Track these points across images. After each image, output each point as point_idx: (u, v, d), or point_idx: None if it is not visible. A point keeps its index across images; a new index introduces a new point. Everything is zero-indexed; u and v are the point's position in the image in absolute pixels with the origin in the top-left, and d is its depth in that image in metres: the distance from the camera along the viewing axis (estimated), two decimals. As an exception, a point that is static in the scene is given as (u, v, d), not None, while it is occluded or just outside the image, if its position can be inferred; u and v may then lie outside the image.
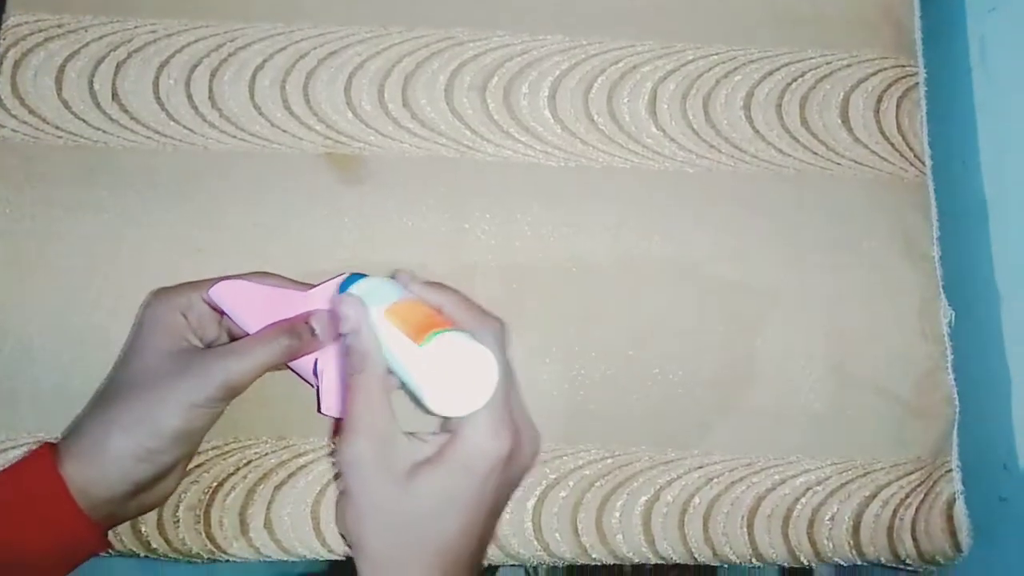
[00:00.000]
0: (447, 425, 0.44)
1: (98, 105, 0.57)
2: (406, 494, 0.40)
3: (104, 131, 0.57)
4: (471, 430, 0.40)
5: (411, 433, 0.42)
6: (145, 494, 0.46)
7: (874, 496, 0.55)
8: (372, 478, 0.40)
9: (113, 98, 0.57)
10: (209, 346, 0.48)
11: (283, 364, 0.48)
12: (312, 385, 0.49)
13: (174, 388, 0.44)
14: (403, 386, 0.44)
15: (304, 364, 0.48)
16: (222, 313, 0.49)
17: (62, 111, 0.57)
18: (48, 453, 0.44)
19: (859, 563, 0.55)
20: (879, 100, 0.60)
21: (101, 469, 0.43)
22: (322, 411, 0.48)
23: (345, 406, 0.42)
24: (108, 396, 0.46)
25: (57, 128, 0.57)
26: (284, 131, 0.57)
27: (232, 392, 0.45)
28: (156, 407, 0.44)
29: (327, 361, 0.48)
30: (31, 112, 0.57)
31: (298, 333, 0.47)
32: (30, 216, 0.55)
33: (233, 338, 0.49)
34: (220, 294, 0.48)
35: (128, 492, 0.44)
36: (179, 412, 0.44)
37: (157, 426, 0.44)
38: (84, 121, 0.57)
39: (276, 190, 0.56)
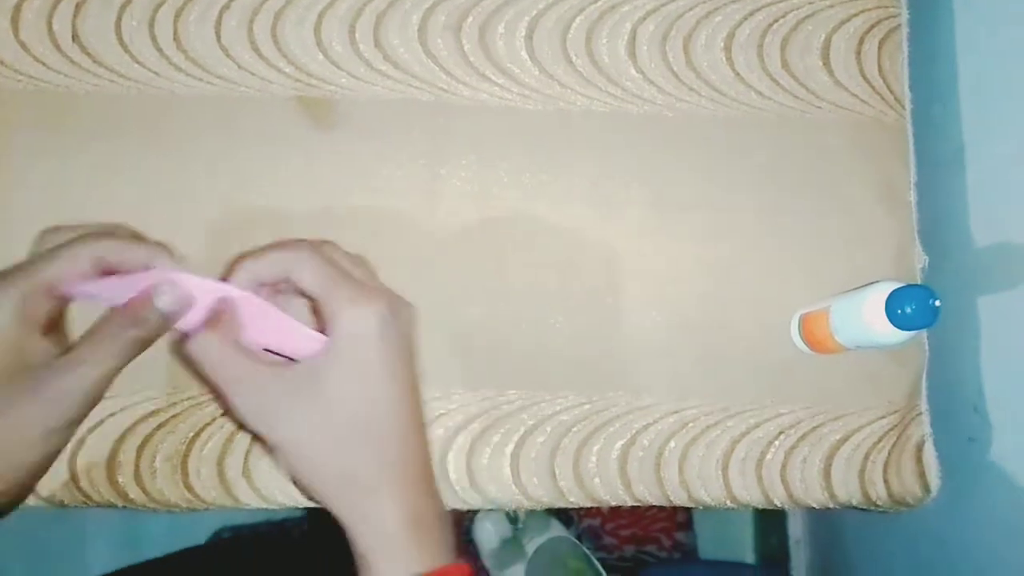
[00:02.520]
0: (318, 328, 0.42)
1: (58, 47, 0.55)
2: (321, 401, 0.39)
3: (65, 75, 0.55)
4: (341, 309, 0.39)
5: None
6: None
7: (845, 439, 0.56)
8: (283, 412, 0.39)
9: (73, 40, 0.55)
10: (55, 337, 0.42)
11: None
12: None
13: (25, 417, 0.38)
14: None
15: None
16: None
17: (20, 53, 0.55)
18: None
19: (831, 506, 0.56)
20: (861, 42, 0.59)
21: None
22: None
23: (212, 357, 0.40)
24: None
25: (16, 72, 0.54)
26: (252, 74, 0.56)
27: (94, 403, 0.40)
28: (6, 442, 0.38)
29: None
30: (-13, 54, 0.55)
31: (143, 319, 0.40)
32: (-9, 163, 0.53)
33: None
34: (86, 291, 0.41)
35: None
36: (36, 443, 0.39)
37: (12, 463, 0.39)
38: (44, 64, 0.55)
39: (246, 135, 0.55)
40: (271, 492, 0.52)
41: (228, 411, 0.41)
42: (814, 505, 0.56)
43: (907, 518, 0.60)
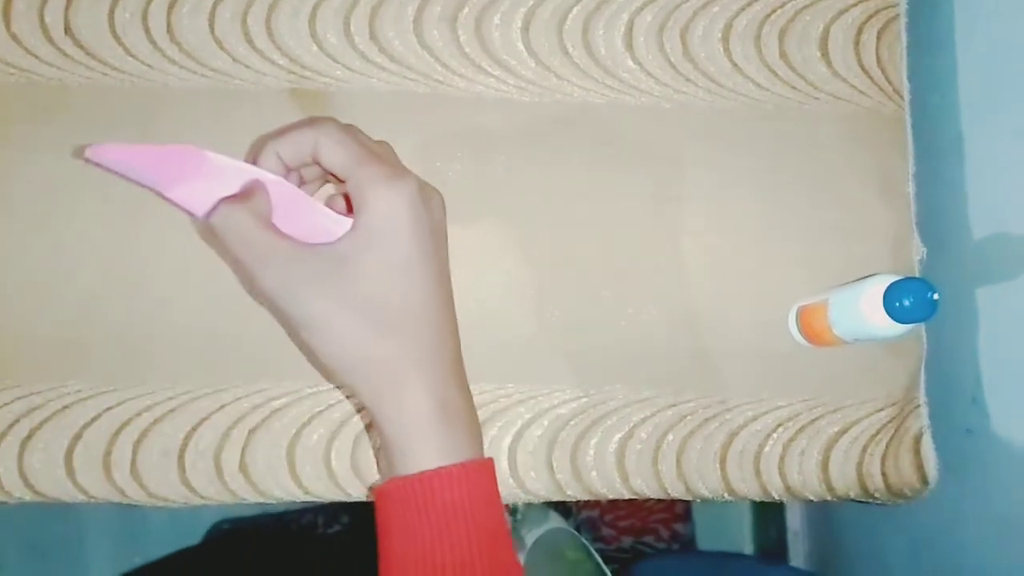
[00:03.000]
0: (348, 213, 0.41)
1: (50, 39, 0.54)
2: (354, 281, 0.38)
3: (58, 67, 0.54)
4: (371, 188, 0.38)
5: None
6: None
7: (843, 432, 0.56)
8: (314, 289, 0.38)
9: (66, 32, 0.54)
10: None
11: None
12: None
13: None
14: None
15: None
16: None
17: (12, 46, 0.54)
18: None
19: (829, 498, 0.56)
20: (859, 32, 0.59)
21: None
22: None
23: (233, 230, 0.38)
24: None
25: (8, 64, 0.54)
26: (247, 66, 0.55)
27: None
28: None
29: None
30: (-21, 47, 0.54)
31: None
32: (-16, 157, 0.53)
33: None
34: (112, 158, 0.38)
35: None
36: None
37: None
38: (36, 57, 0.54)
39: (240, 128, 0.54)
40: (268, 486, 0.52)
41: (252, 289, 0.41)
42: (812, 498, 0.56)
43: (905, 510, 0.60)
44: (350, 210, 0.41)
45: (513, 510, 1.17)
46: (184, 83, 0.55)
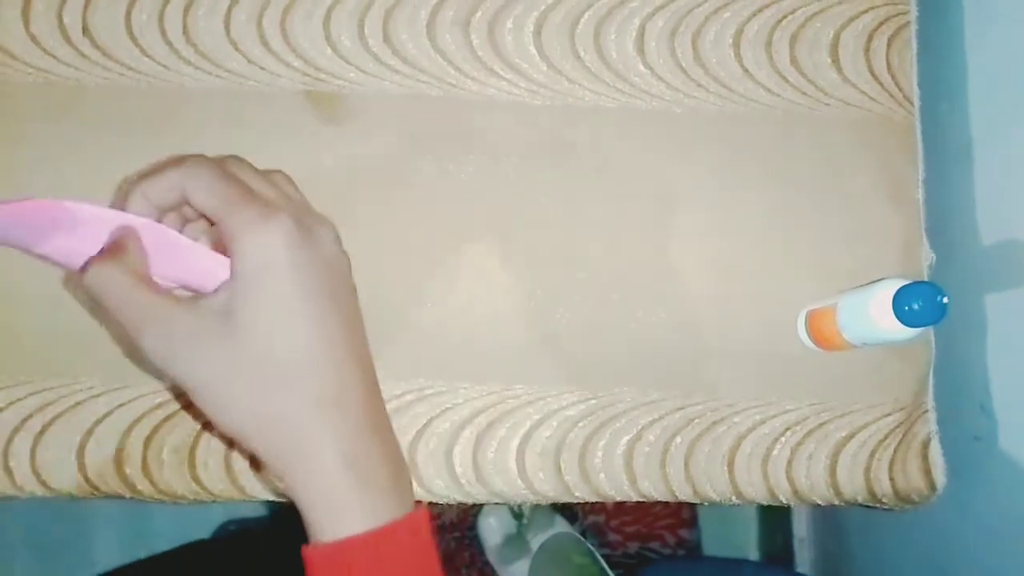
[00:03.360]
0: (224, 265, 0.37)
1: (68, 40, 0.55)
2: (234, 338, 0.34)
3: (76, 68, 0.55)
4: (240, 233, 0.34)
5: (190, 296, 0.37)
6: None
7: (851, 436, 0.56)
8: (196, 352, 0.34)
9: (84, 32, 0.55)
10: None
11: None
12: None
13: None
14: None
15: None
16: None
17: (30, 46, 0.55)
18: None
19: (836, 502, 0.56)
20: (870, 39, 0.59)
21: None
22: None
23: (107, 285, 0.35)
24: None
25: (26, 64, 0.55)
26: (262, 68, 0.56)
27: None
28: None
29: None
30: (-2, 47, 0.55)
31: None
32: (1, 155, 0.54)
33: None
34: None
35: None
36: None
37: None
38: (54, 57, 0.55)
39: (254, 129, 0.55)
40: (277, 483, 0.52)
41: (135, 355, 0.38)
42: (819, 502, 0.56)
43: (912, 517, 0.60)
44: None
45: (519, 514, 1.17)
46: (199, 84, 0.55)
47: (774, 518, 1.20)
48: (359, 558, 0.35)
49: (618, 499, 0.54)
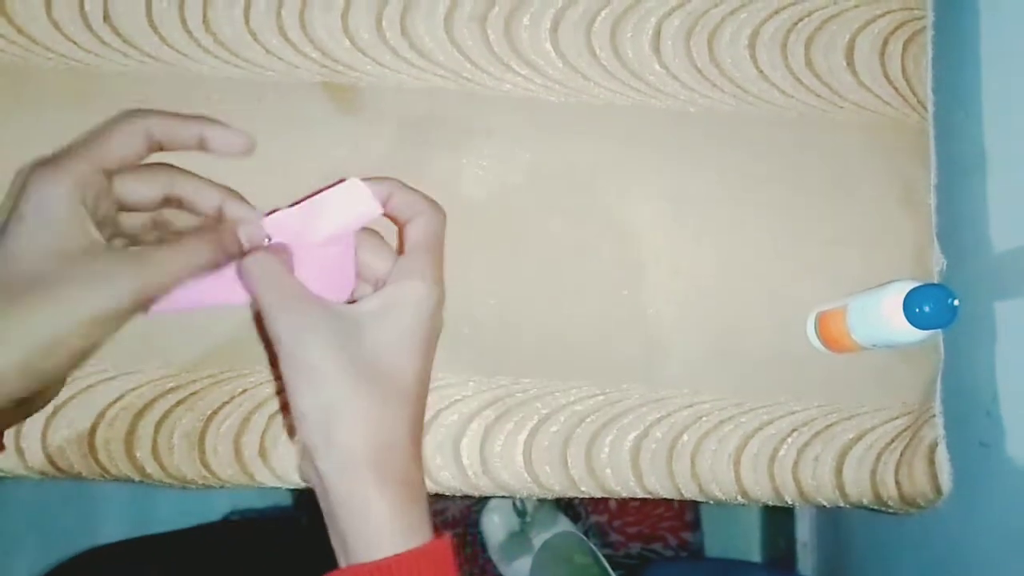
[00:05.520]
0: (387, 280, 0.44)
1: (89, 27, 0.56)
2: (364, 330, 0.40)
3: (96, 54, 0.55)
4: (417, 276, 0.42)
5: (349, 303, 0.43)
6: (27, 405, 0.41)
7: (859, 439, 0.56)
8: (328, 323, 0.39)
9: (105, 19, 0.56)
10: (101, 225, 0.40)
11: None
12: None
13: (73, 299, 0.37)
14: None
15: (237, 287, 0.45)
16: None
17: (52, 32, 0.55)
18: None
19: (842, 504, 0.56)
20: (885, 43, 0.60)
21: None
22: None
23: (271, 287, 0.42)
24: None
25: (47, 49, 0.55)
26: (280, 58, 0.56)
27: (144, 304, 0.39)
28: (49, 320, 0.36)
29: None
30: (19, 32, 0.55)
31: (225, 246, 0.42)
32: (21, 140, 0.54)
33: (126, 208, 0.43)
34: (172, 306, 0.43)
35: (6, 408, 0.37)
36: (79, 328, 0.37)
37: (50, 343, 0.36)
38: (75, 43, 0.55)
39: (271, 119, 0.55)
40: (286, 472, 0.53)
41: (264, 332, 0.42)
42: (825, 503, 0.56)
43: (916, 523, 0.60)
44: None
45: (522, 512, 1.17)
46: (217, 73, 0.56)
47: (777, 522, 1.20)
48: (408, 570, 0.38)
49: (624, 495, 0.55)
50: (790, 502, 0.56)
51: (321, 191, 0.45)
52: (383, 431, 0.39)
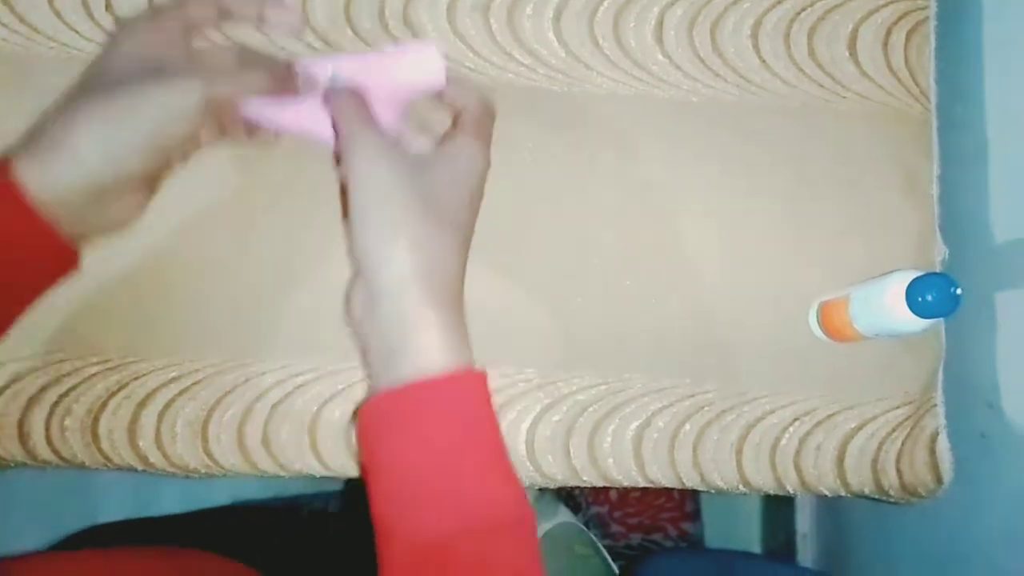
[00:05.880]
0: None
1: (91, 15, 0.55)
2: (426, 173, 0.45)
3: (98, 43, 0.55)
4: (471, 135, 0.48)
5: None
6: (105, 207, 0.45)
7: (860, 428, 0.56)
8: (398, 164, 0.45)
9: (107, 8, 0.55)
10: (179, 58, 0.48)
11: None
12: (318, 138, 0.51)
13: (152, 92, 0.43)
14: None
15: (318, 119, 0.49)
16: None
17: (54, 20, 0.55)
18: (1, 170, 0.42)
19: (843, 493, 0.56)
20: (888, 33, 0.59)
21: (64, 167, 0.42)
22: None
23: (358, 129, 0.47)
24: (73, 98, 0.44)
25: (49, 38, 0.55)
26: (281, 48, 0.56)
27: (207, 107, 0.44)
28: (131, 107, 0.43)
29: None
30: (21, 20, 0.55)
31: (278, 75, 0.48)
32: (23, 130, 0.54)
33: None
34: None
35: (89, 196, 0.43)
36: (154, 114, 0.43)
37: (129, 125, 0.43)
38: (77, 32, 0.55)
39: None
40: (288, 460, 0.53)
41: (339, 154, 0.47)
42: (826, 493, 0.56)
43: (916, 513, 0.61)
44: None
45: (523, 503, 1.17)
46: (220, 62, 0.55)
47: (777, 514, 1.20)
48: (440, 391, 0.42)
49: (626, 484, 0.55)
50: (792, 491, 0.56)
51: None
52: (435, 253, 0.44)
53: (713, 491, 0.56)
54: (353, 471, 0.53)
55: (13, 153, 0.42)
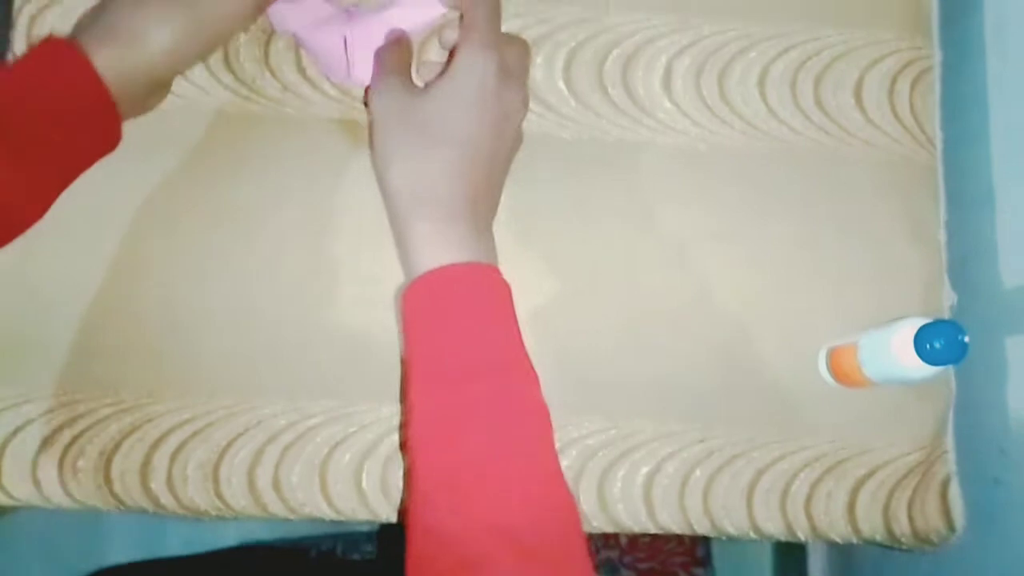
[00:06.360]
0: None
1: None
2: (423, 98, 0.49)
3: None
4: (468, 45, 0.50)
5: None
6: (151, 96, 0.51)
7: (871, 475, 0.56)
8: (398, 96, 0.50)
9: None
10: None
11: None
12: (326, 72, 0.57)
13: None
14: None
15: (331, 47, 0.55)
16: None
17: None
18: (69, 44, 0.45)
19: (854, 540, 0.56)
20: (893, 81, 0.60)
21: (133, 58, 0.45)
22: (353, 79, 0.56)
23: (374, 70, 0.53)
24: None
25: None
26: (296, 95, 0.57)
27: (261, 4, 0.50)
28: (195, 3, 0.47)
29: (357, 39, 0.54)
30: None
31: None
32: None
33: None
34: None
35: (147, 86, 0.48)
36: (218, 9, 0.48)
37: (195, 21, 0.47)
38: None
39: (287, 155, 0.56)
40: (299, 503, 0.53)
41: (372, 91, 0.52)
42: (837, 539, 0.56)
43: (929, 562, 0.60)
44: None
45: (531, 546, 1.16)
46: (236, 108, 0.57)
47: (789, 558, 1.18)
48: (467, 278, 0.47)
49: (636, 530, 0.55)
50: (803, 538, 0.55)
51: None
52: (424, 175, 0.48)
53: (724, 537, 0.56)
54: (362, 515, 0.53)
55: (82, 33, 0.46)
